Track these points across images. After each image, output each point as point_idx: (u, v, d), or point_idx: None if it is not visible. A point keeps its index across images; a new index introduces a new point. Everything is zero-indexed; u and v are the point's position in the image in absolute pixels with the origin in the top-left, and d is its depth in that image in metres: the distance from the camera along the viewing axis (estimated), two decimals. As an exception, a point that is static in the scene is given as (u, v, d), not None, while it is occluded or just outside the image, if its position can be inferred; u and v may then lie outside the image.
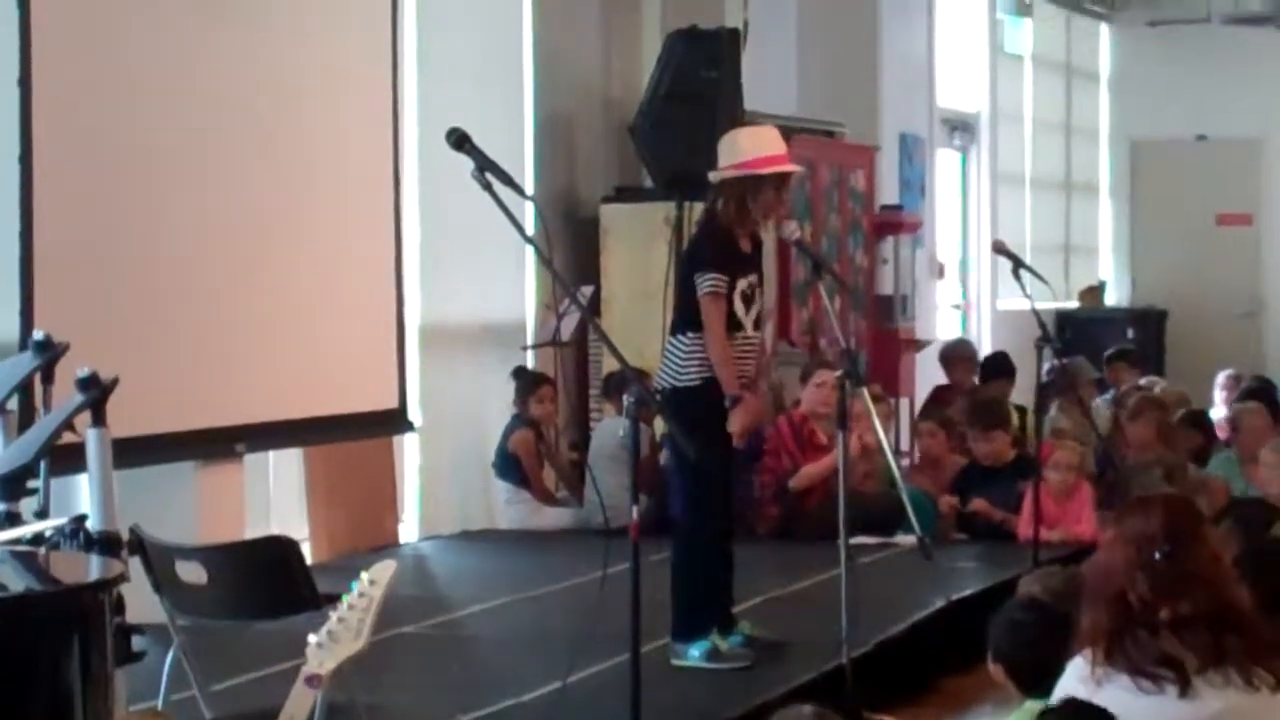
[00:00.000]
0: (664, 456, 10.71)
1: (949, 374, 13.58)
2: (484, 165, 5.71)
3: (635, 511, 5.81)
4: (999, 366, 13.30)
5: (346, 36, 9.37)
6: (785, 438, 10.52)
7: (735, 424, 7.13)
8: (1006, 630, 4.90)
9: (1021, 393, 12.91)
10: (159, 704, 5.53)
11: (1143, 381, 13.70)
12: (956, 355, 13.78)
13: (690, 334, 7.26)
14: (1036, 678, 4.58)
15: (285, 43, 8.94)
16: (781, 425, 10.62)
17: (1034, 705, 4.55)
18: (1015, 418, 11.75)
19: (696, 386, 7.21)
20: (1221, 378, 13.92)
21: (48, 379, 5.70)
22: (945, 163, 17.30)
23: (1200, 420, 12.11)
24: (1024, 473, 10.12)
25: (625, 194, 12.11)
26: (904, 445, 13.44)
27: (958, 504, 10.45)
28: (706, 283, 7.19)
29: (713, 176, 7.36)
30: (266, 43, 8.81)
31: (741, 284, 7.24)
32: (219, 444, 8.41)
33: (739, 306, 7.23)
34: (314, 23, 9.16)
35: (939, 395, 13.31)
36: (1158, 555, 4.10)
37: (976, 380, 13.32)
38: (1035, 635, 4.74)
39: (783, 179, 7.34)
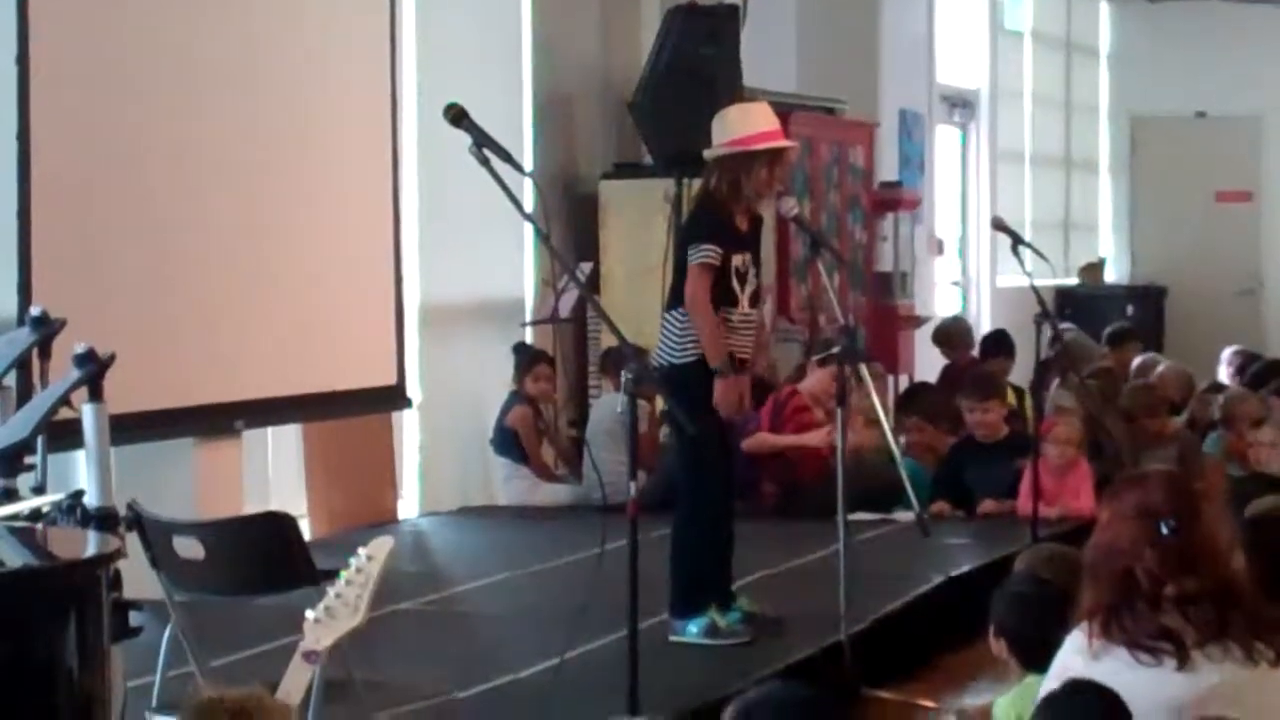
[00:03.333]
0: (664, 433, 10.72)
1: (947, 353, 13.56)
2: (482, 141, 5.70)
3: (634, 488, 5.81)
4: (999, 344, 13.28)
5: (346, 13, 9.36)
6: (764, 413, 10.49)
7: (719, 398, 7.10)
8: (1009, 605, 4.91)
9: (1021, 369, 12.91)
10: (156, 679, 5.53)
11: (1138, 361, 13.69)
12: (955, 333, 13.77)
13: (685, 310, 7.25)
14: (1038, 653, 4.58)
15: (284, 20, 8.93)
16: (768, 401, 10.60)
17: (1034, 680, 4.55)
18: (1012, 397, 11.74)
19: (693, 362, 7.19)
20: (1227, 354, 13.91)
21: (45, 355, 5.70)
22: (945, 139, 17.28)
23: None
24: (1018, 451, 10.10)
25: (624, 170, 12.11)
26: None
27: (947, 510, 10.33)
28: (699, 254, 7.18)
29: (707, 155, 7.36)
30: (265, 20, 8.80)
31: (736, 260, 7.23)
32: (217, 420, 8.41)
33: (734, 283, 7.22)
34: (313, 0, 9.15)
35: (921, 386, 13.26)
36: (1165, 530, 4.10)
37: (975, 355, 13.31)
38: (1038, 611, 4.75)
39: (776, 155, 7.33)
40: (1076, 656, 4.10)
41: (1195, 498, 4.25)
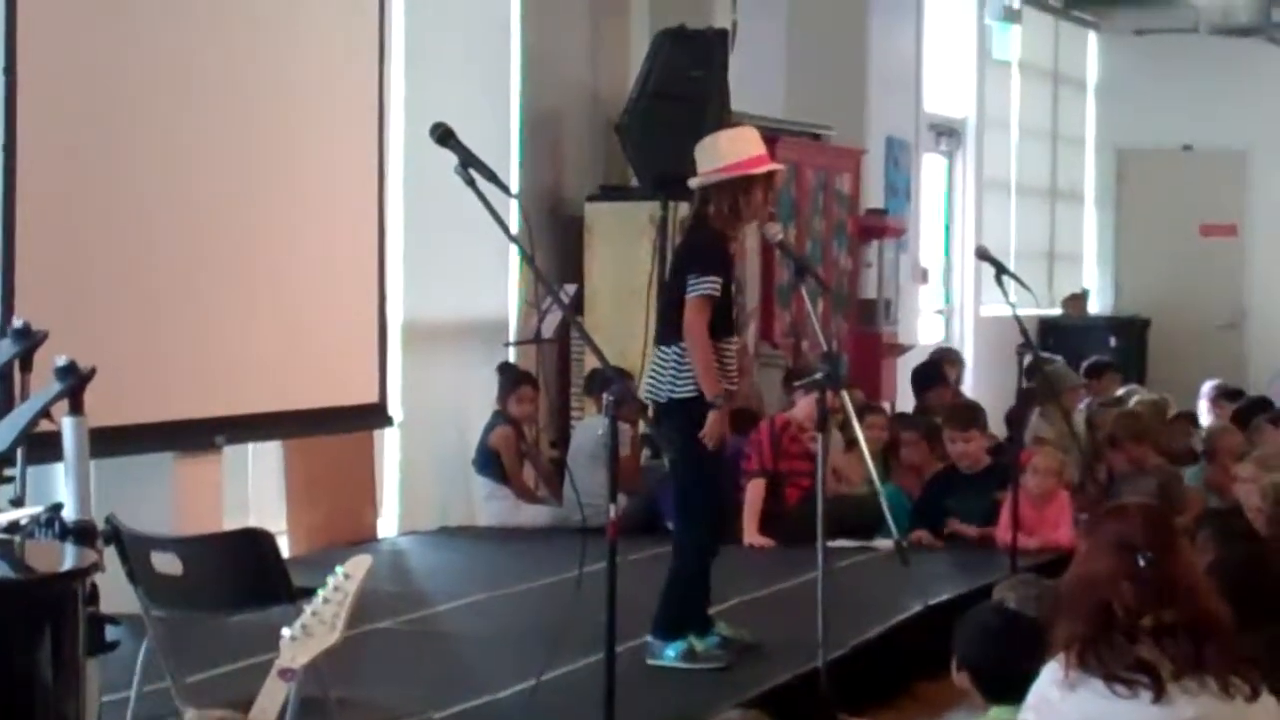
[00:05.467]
0: (644, 456, 10.72)
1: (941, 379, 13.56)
2: (468, 161, 5.70)
3: (613, 510, 5.81)
4: (932, 376, 13.28)
5: (334, 31, 9.36)
6: (763, 442, 10.48)
7: (711, 430, 7.07)
8: (974, 637, 4.91)
9: (1003, 399, 12.89)
10: (132, 694, 5.52)
11: (1121, 391, 13.72)
12: (944, 363, 13.80)
13: (684, 344, 7.19)
14: (1002, 686, 4.58)
15: (272, 36, 8.93)
16: (761, 429, 10.58)
17: (999, 713, 4.56)
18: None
19: (694, 398, 7.14)
20: (1207, 388, 13.94)
21: (26, 367, 5.70)
22: (931, 167, 17.31)
23: (1194, 422, 12.24)
24: (999, 481, 10.11)
25: (610, 193, 12.11)
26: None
27: (925, 537, 10.31)
28: (704, 286, 7.12)
29: (695, 182, 7.32)
30: (253, 35, 8.80)
31: (732, 290, 7.26)
32: (198, 435, 8.40)
33: (732, 313, 7.24)
34: (301, 16, 9.15)
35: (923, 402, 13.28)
36: (1142, 563, 4.10)
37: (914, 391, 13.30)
38: (1003, 644, 4.75)
39: (770, 178, 7.34)
40: (1053, 687, 4.10)
41: (1173, 530, 4.25)
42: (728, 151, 7.29)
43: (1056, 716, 4.03)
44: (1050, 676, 4.13)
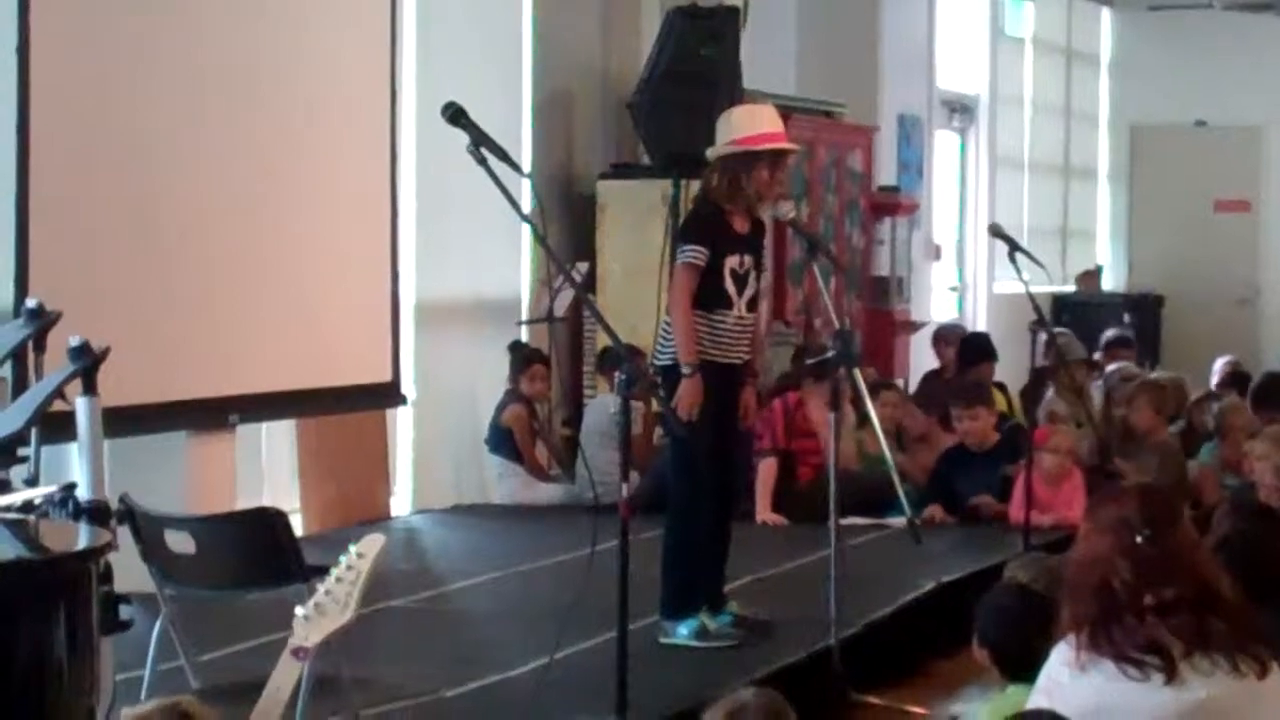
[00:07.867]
0: (658, 434, 10.73)
1: (939, 356, 13.57)
2: (480, 140, 5.72)
3: (625, 489, 5.82)
4: (981, 350, 13.24)
5: (345, 11, 9.37)
6: (776, 420, 10.48)
7: (680, 397, 7.07)
8: (993, 615, 4.92)
9: (1017, 375, 12.88)
10: (145, 673, 5.54)
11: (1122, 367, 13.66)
12: (947, 337, 13.77)
13: None
14: (1021, 664, 4.60)
15: (284, 15, 8.93)
16: (774, 407, 10.59)
17: (1017, 690, 4.57)
18: (1000, 399, 11.75)
19: (672, 365, 7.17)
20: (1219, 364, 13.92)
21: (40, 347, 5.71)
22: (944, 144, 17.28)
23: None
24: (1007, 457, 10.11)
25: (622, 171, 12.12)
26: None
27: (939, 514, 10.31)
28: (684, 254, 7.22)
29: (710, 154, 7.36)
30: (265, 15, 8.80)
31: (731, 262, 7.22)
32: (211, 414, 8.42)
33: (729, 285, 7.21)
34: (313, -5, 9.18)
35: (926, 383, 13.26)
36: (1139, 540, 4.10)
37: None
38: (1022, 621, 4.76)
39: (777, 156, 7.33)
40: (1063, 670, 4.09)
41: (1173, 508, 4.24)
42: (738, 126, 7.31)
43: (1067, 699, 4.02)
44: (1060, 658, 4.12)
